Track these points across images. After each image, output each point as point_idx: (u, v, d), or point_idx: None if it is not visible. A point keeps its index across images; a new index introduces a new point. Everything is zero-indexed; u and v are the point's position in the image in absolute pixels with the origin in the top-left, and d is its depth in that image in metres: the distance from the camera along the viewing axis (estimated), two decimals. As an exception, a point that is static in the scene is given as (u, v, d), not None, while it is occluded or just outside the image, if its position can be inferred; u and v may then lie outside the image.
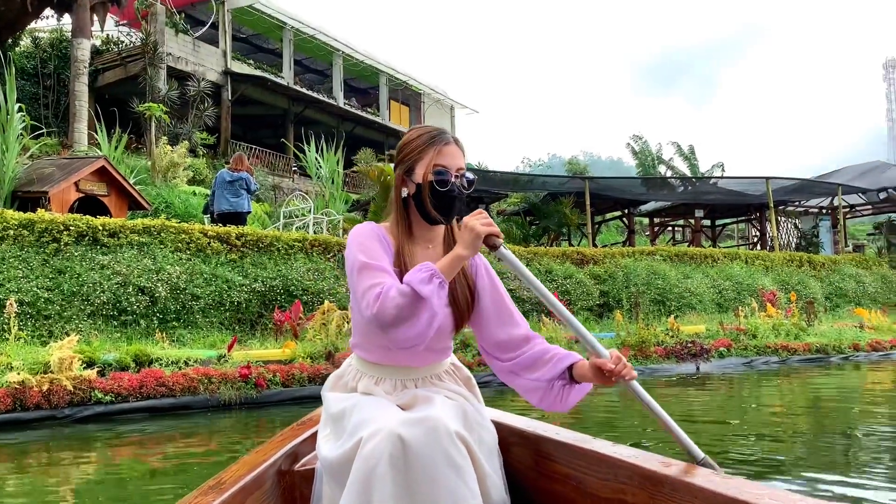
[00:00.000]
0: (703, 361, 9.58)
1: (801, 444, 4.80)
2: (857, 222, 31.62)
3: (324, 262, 10.30)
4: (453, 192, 1.74)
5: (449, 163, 1.75)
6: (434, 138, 1.77)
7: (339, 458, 1.52)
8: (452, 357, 1.87)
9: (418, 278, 1.56)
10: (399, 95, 32.13)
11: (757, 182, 19.03)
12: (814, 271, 16.60)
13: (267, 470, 1.71)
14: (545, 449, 1.70)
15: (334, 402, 1.73)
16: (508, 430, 1.83)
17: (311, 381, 7.19)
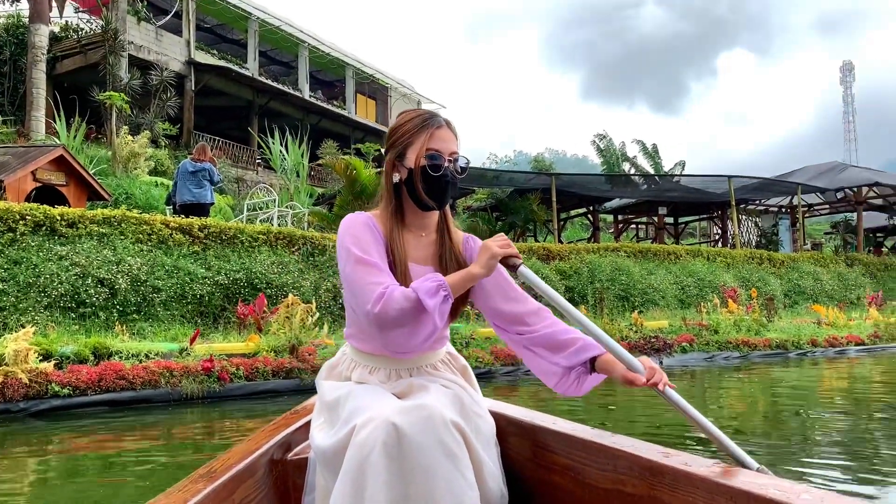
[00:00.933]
0: (666, 356, 9.70)
1: (760, 435, 4.87)
2: (815, 221, 32.33)
3: (288, 255, 10.19)
4: (446, 176, 1.70)
5: (441, 147, 1.71)
6: (426, 121, 1.73)
7: (332, 447, 1.49)
8: (448, 346, 1.84)
9: (425, 288, 1.53)
10: (366, 89, 31.94)
11: (719, 180, 19.32)
12: (773, 269, 16.92)
13: (259, 459, 1.68)
14: (543, 439, 1.68)
15: (329, 390, 1.69)
16: (506, 420, 1.80)
17: (274, 374, 7.11)
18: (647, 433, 4.83)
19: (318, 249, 10.63)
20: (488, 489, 1.52)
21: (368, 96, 32.25)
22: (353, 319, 1.74)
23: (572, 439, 1.58)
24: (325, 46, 29.08)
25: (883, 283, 18.68)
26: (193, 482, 1.45)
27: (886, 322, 13.43)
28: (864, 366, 9.84)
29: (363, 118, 30.83)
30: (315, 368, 7.27)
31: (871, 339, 12.28)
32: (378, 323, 1.53)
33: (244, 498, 1.56)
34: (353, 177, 14.50)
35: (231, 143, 23.45)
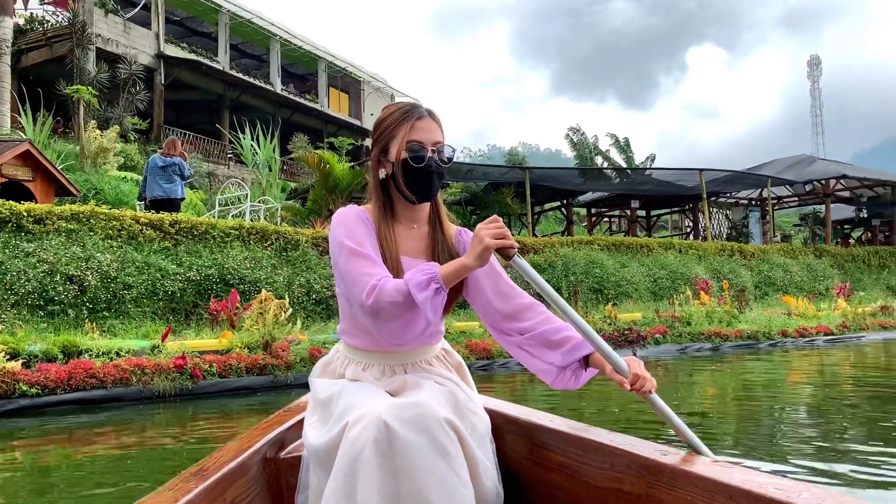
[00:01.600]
0: (640, 348, 9.78)
1: (730, 424, 4.93)
2: (784, 213, 32.82)
3: (261, 250, 10.10)
4: (430, 167, 1.67)
5: (424, 137, 1.68)
6: (406, 114, 1.71)
7: (325, 445, 1.47)
8: (444, 343, 1.82)
9: (415, 281, 1.49)
10: (338, 82, 31.75)
11: (690, 173, 19.50)
12: (744, 260, 17.13)
13: (251, 457, 1.65)
14: (539, 437, 1.66)
15: (322, 388, 1.67)
16: (502, 418, 1.78)
17: (248, 371, 7.04)
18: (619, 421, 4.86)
19: (291, 244, 10.55)
20: (483, 487, 1.50)
21: (341, 90, 32.07)
22: (347, 314, 1.72)
23: (569, 437, 1.56)
24: (296, 40, 28.84)
25: (850, 273, 19.00)
26: (185, 481, 1.42)
27: (854, 312, 13.66)
28: (834, 355, 10.00)
29: (336, 112, 30.66)
30: (289, 364, 7.23)
31: (839, 329, 12.48)
32: (372, 315, 1.51)
33: (236, 497, 1.54)
34: (327, 171, 14.42)
35: (202, 137, 23.19)
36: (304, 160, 15.80)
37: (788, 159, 23.81)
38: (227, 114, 24.64)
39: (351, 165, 15.77)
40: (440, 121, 1.75)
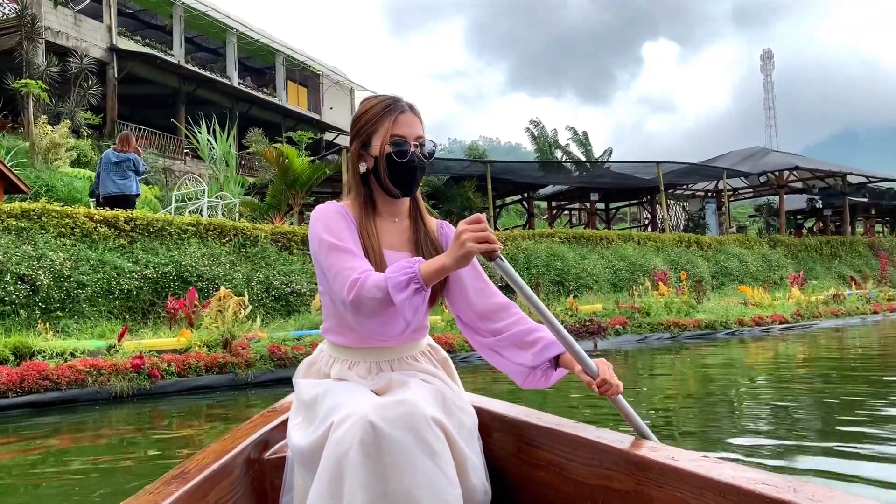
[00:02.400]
0: (601, 339, 9.89)
1: (690, 412, 5.01)
2: (739, 205, 33.43)
3: (219, 247, 9.95)
4: (413, 162, 1.66)
5: (406, 132, 1.67)
6: (388, 107, 1.68)
7: (309, 446, 1.44)
8: (429, 338, 1.79)
9: (394, 281, 1.46)
10: (297, 76, 31.41)
11: (648, 166, 19.76)
12: (701, 251, 17.43)
13: (235, 458, 1.61)
14: (527, 434, 1.65)
15: (306, 388, 1.64)
16: (489, 415, 1.76)
17: (208, 370, 6.93)
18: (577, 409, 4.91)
19: (249, 240, 10.41)
20: (472, 485, 1.49)
21: (300, 84, 31.73)
22: (331, 312, 1.69)
23: (557, 434, 1.55)
24: (253, 33, 28.45)
25: (804, 263, 19.46)
26: (165, 484, 1.38)
27: (807, 301, 14.02)
28: (788, 343, 10.24)
29: (294, 106, 30.34)
30: (249, 363, 7.14)
31: (793, 318, 12.78)
32: (353, 310, 1.50)
33: (219, 499, 1.50)
34: (286, 166, 14.28)
35: (157, 132, 22.75)
36: (263, 155, 15.61)
37: (743, 151, 24.27)
38: (182, 108, 24.21)
39: (311, 160, 15.64)
40: (421, 115, 1.74)
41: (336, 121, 32.28)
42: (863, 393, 5.71)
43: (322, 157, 16.92)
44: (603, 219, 25.48)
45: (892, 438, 3.87)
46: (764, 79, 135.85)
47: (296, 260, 10.73)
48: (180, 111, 24.08)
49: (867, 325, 13.30)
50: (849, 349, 9.67)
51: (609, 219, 26.32)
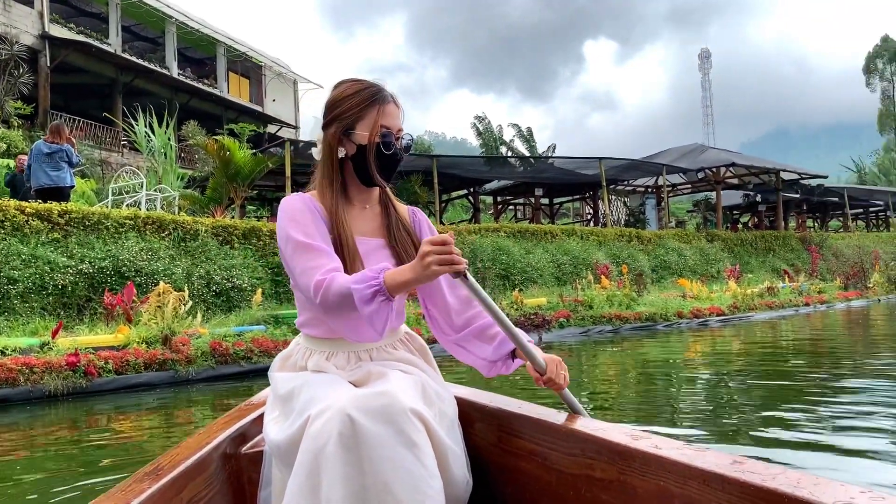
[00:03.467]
0: (545, 332, 10.00)
1: (630, 401, 5.12)
2: (678, 200, 34.24)
3: (158, 241, 9.71)
4: (396, 154, 1.67)
5: (391, 124, 1.66)
6: (375, 96, 1.65)
7: (286, 440, 1.41)
8: (405, 326, 1.77)
9: (360, 294, 1.43)
10: (238, 67, 30.81)
11: (590, 162, 20.05)
12: (642, 246, 17.79)
13: (210, 453, 1.57)
14: (508, 424, 1.63)
15: (282, 382, 1.60)
16: (469, 405, 1.74)
17: (147, 367, 6.76)
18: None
19: (190, 234, 10.19)
20: (453, 476, 1.47)
21: (241, 75, 31.14)
22: (306, 305, 1.66)
23: (538, 423, 1.53)
24: (193, 22, 27.79)
25: (739, 257, 20.05)
26: (138, 481, 1.33)
27: (743, 294, 14.44)
28: (725, 335, 10.54)
29: (236, 97, 29.78)
30: (190, 359, 7.00)
31: (730, 310, 13.15)
32: (322, 311, 1.50)
33: (195, 495, 1.45)
34: (227, 158, 14.01)
35: (93, 123, 22.05)
36: (204, 147, 15.28)
37: (682, 148, 24.82)
38: (119, 99, 23.52)
39: (253, 152, 15.38)
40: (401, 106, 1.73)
41: (279, 113, 31.82)
42: (794, 381, 5.93)
43: (265, 150, 16.65)
44: (547, 214, 25.77)
45: (820, 424, 4.02)
46: (702, 77, 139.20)
47: (237, 254, 10.55)
48: (117, 102, 23.38)
49: (799, 316, 13.78)
50: (782, 340, 10.01)
51: (553, 214, 26.63)
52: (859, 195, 31.53)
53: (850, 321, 12.84)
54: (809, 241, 23.20)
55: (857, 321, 12.77)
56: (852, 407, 4.55)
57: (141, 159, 19.35)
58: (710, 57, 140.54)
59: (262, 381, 7.03)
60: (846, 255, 20.48)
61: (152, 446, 4.39)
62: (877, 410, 4.38)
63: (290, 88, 34.00)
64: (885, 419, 4.15)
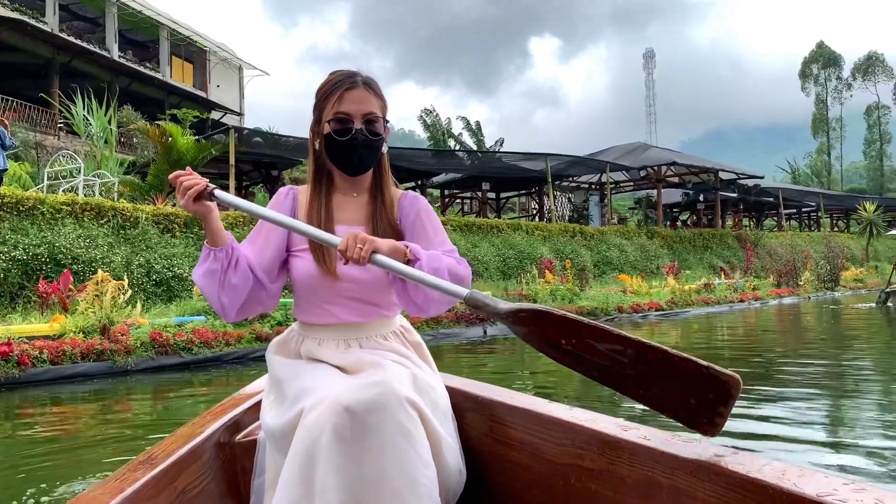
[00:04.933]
0: (490, 325, 10.10)
1: (573, 387, 5.23)
2: (621, 197, 34.84)
3: (96, 228, 9.46)
4: (355, 140, 1.62)
5: (352, 109, 1.63)
6: (337, 84, 1.64)
7: (281, 427, 1.42)
8: (403, 320, 1.76)
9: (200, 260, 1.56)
10: (182, 51, 30.08)
11: (537, 158, 20.28)
12: (585, 241, 18.10)
13: (204, 442, 1.56)
14: (500, 414, 1.64)
15: (278, 366, 1.62)
16: (462, 396, 1.75)
17: (84, 357, 6.60)
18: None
19: (129, 222, 9.96)
20: (446, 465, 1.48)
21: (185, 59, 30.42)
22: (295, 291, 1.67)
23: (529, 414, 1.55)
24: (135, 4, 27.02)
25: (678, 253, 20.58)
26: (131, 470, 1.33)
27: (681, 289, 14.84)
28: (663, 329, 10.82)
29: (179, 82, 29.11)
30: (129, 349, 6.86)
31: (668, 305, 13.51)
32: None
33: (188, 484, 1.45)
34: (170, 144, 13.72)
35: (28, 104, 21.26)
36: (145, 132, 14.92)
37: (625, 146, 25.30)
38: (56, 80, 22.73)
39: (196, 139, 15.07)
40: (379, 91, 1.69)
41: (223, 99, 31.22)
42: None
43: (208, 137, 16.30)
44: (494, 208, 25.96)
45: (749, 414, 4.19)
46: (646, 76, 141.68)
47: (178, 243, 10.35)
48: (54, 83, 22.60)
49: (734, 312, 14.23)
50: (716, 334, 10.34)
51: (499, 208, 26.85)
52: (793, 196, 32.67)
53: (782, 317, 13.33)
54: (745, 240, 23.94)
55: (789, 317, 13.26)
56: (786, 402, 4.75)
57: (79, 143, 18.77)
58: (654, 57, 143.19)
59: (202, 372, 6.94)
60: (779, 253, 21.17)
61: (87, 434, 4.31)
62: (805, 399, 4.59)
63: (236, 74, 33.39)
64: (812, 411, 4.35)
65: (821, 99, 69.94)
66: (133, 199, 13.38)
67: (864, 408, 4.59)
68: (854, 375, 5.97)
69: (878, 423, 4.11)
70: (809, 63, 71.01)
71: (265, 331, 8.00)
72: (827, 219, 37.55)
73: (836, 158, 69.85)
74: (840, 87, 69.93)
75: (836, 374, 6.07)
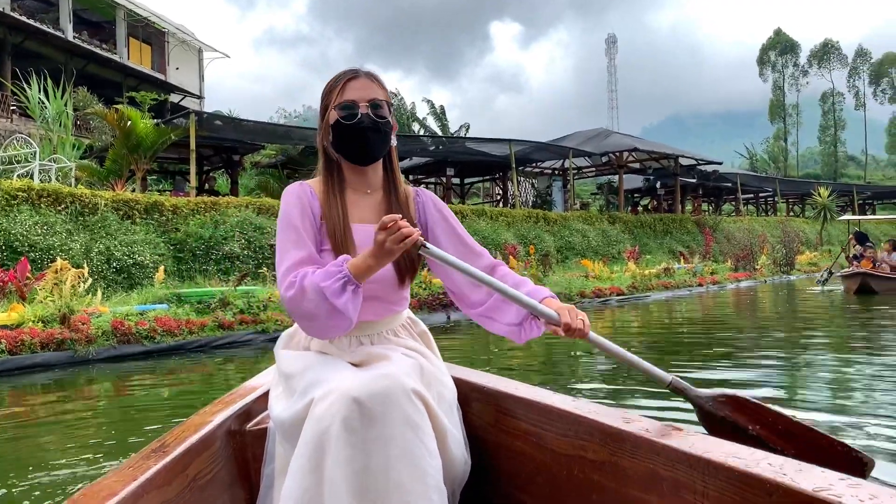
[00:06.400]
0: (453, 311, 10.17)
1: (533, 368, 5.32)
2: (583, 183, 35.17)
3: (54, 214, 9.28)
4: (362, 123, 1.64)
5: (356, 95, 1.66)
6: (338, 78, 1.69)
7: (290, 418, 1.45)
8: (409, 311, 1.79)
9: (331, 288, 1.46)
10: (140, 32, 29.40)
11: (501, 143, 20.33)
12: (548, 227, 18.26)
13: (215, 430, 1.59)
14: (505, 405, 1.67)
15: (286, 360, 1.63)
16: (468, 386, 1.78)
17: (43, 347, 6.51)
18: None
19: (88, 208, 9.78)
20: (451, 456, 1.52)
21: (143, 41, 29.74)
22: None
23: (534, 405, 1.58)
24: (90, -17, 26.32)
25: (639, 238, 20.87)
26: (144, 458, 1.34)
27: (642, 274, 15.09)
28: (624, 313, 11.00)
29: (137, 64, 28.47)
30: (90, 338, 6.77)
31: (629, 290, 13.73)
32: (289, 311, 1.51)
33: (200, 472, 1.47)
34: (129, 129, 13.46)
35: (-22, 86, 20.64)
36: (103, 116, 14.60)
37: (587, 132, 25.48)
38: (8, 61, 22.07)
39: (156, 123, 14.79)
40: (382, 83, 1.72)
41: (183, 82, 30.63)
42: (685, 355, 6.32)
43: (168, 121, 16.00)
44: (458, 193, 25.99)
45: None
46: (608, 62, 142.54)
47: (139, 230, 10.21)
48: (6, 64, 21.95)
49: (693, 296, 14.53)
50: (676, 317, 10.55)
51: (464, 194, 26.88)
52: (750, 181, 33.28)
53: (739, 300, 13.65)
54: (704, 225, 24.37)
55: (745, 301, 13.58)
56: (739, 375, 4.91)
57: (33, 126, 18.28)
58: (617, 42, 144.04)
59: (165, 361, 6.89)
60: (737, 238, 21.62)
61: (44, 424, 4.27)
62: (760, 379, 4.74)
63: (195, 57, 32.76)
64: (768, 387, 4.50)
65: (778, 85, 71.21)
66: (91, 184, 13.12)
67: (813, 377, 4.77)
68: (803, 351, 6.18)
69: (826, 390, 4.29)
70: (767, 50, 72.21)
71: (227, 318, 7.96)
72: (783, 204, 38.38)
73: (793, 144, 71.30)
74: (797, 73, 71.32)
75: (786, 350, 6.27)
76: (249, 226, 11.51)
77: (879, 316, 9.65)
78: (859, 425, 3.61)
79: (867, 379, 4.95)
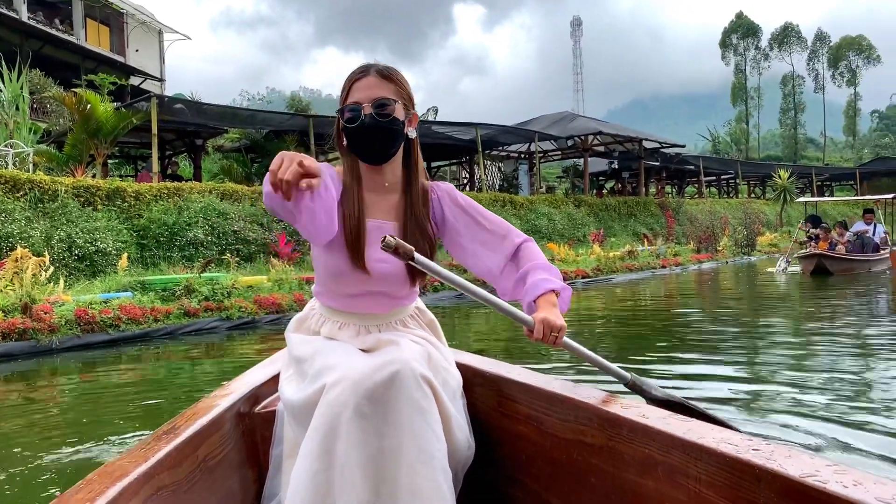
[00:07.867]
0: (421, 295, 10.22)
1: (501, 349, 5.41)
2: (549, 166, 35.31)
3: (12, 201, 9.10)
4: (363, 125, 1.62)
5: (361, 96, 1.64)
6: (347, 79, 1.68)
7: (301, 401, 1.48)
8: (418, 301, 1.82)
9: None
10: (97, 13, 28.71)
11: (467, 127, 20.35)
12: (515, 210, 18.37)
13: (225, 413, 1.62)
14: (507, 390, 1.72)
15: (297, 343, 1.66)
16: (472, 372, 1.83)
17: (5, 337, 6.41)
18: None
19: (48, 195, 9.61)
20: (456, 440, 1.56)
21: (101, 22, 29.05)
22: (322, 277, 1.70)
23: (535, 390, 1.62)
24: (44, -39, 25.60)
25: (604, 221, 21.10)
26: (156, 440, 1.37)
27: (606, 257, 15.29)
28: (591, 295, 11.16)
29: (95, 46, 27.82)
30: (52, 328, 6.69)
31: (594, 272, 13.92)
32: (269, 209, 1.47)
33: (210, 453, 1.50)
34: (88, 113, 13.20)
35: (-72, 68, 20.00)
36: (61, 100, 14.28)
37: (553, 116, 25.61)
38: (-41, 42, 21.45)
39: (116, 107, 14.53)
40: (396, 78, 1.69)
41: (143, 65, 30.03)
42: (648, 334, 6.46)
43: (129, 105, 15.71)
44: (427, 178, 25.91)
45: (668, 371, 4.44)
46: (573, 45, 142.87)
47: (101, 216, 10.06)
48: (-44, 45, 21.31)
49: (656, 277, 14.77)
50: (639, 298, 10.74)
51: (432, 178, 26.69)
52: (713, 164, 33.78)
53: (700, 281, 13.91)
54: (667, 207, 24.70)
55: (707, 281, 13.85)
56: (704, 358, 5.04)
57: (-13, 111, 17.80)
58: (582, 25, 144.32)
59: (131, 349, 6.84)
60: (699, 220, 21.95)
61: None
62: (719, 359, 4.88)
63: (156, 39, 32.11)
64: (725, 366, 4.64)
65: (740, 69, 72.19)
66: (50, 170, 12.87)
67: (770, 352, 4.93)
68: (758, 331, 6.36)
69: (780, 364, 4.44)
70: (729, 33, 73.06)
71: (193, 306, 7.91)
72: (745, 185, 39.02)
73: (754, 126, 72.38)
74: (758, 56, 72.34)
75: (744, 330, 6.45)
76: (213, 211, 11.40)
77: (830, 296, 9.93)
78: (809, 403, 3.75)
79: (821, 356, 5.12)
